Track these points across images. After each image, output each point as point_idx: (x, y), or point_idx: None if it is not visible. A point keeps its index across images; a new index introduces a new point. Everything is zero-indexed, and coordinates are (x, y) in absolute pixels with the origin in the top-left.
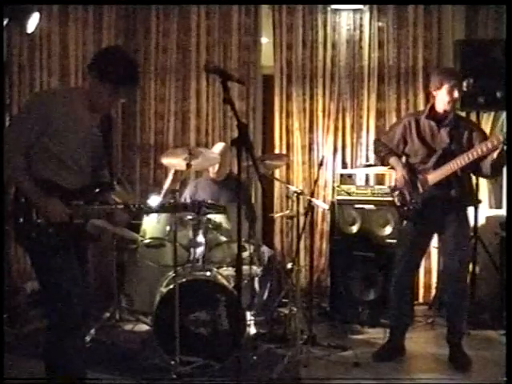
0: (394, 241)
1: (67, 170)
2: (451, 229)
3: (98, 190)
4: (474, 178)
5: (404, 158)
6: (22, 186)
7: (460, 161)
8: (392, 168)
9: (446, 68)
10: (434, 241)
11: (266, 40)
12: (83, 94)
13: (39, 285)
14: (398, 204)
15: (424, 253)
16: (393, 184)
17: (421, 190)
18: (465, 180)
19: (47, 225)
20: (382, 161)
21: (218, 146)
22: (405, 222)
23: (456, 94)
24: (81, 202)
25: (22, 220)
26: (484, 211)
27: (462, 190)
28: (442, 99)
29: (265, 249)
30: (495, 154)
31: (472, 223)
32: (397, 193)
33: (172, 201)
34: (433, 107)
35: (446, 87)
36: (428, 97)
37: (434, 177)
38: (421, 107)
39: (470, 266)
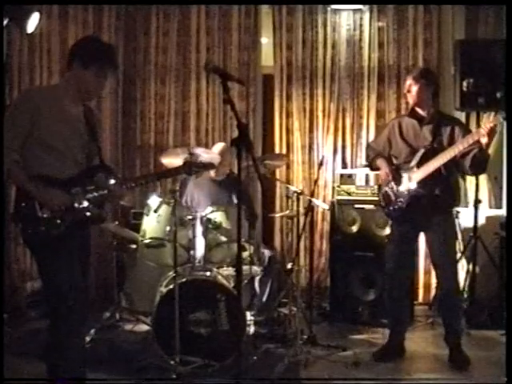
0: None
1: (62, 159)
2: (437, 229)
3: (92, 175)
4: (473, 178)
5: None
6: (18, 181)
7: (442, 157)
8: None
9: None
10: None
11: (265, 40)
12: (66, 87)
13: (42, 282)
14: (383, 204)
15: (413, 252)
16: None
17: (405, 188)
18: (450, 179)
19: (53, 216)
20: (371, 165)
21: (218, 146)
22: (390, 222)
23: (413, 89)
24: (78, 189)
25: (27, 217)
26: (484, 211)
27: (447, 190)
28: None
29: (265, 249)
30: (477, 150)
31: (472, 223)
32: (382, 193)
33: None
34: (412, 107)
35: (406, 84)
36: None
37: (417, 175)
38: None
39: (470, 266)
